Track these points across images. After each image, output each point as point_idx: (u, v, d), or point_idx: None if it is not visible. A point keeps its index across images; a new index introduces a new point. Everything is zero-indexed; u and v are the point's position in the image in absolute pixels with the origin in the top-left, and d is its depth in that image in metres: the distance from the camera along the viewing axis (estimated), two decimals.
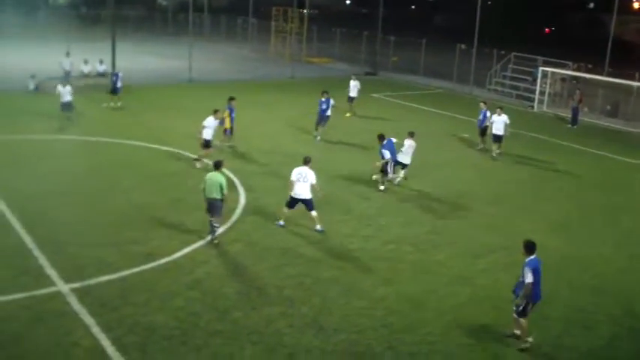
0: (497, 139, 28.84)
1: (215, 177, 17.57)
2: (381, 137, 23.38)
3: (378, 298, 15.56)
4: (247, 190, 22.53)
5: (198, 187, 18.20)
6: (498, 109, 28.96)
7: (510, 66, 48.22)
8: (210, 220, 17.93)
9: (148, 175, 23.82)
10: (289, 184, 19.19)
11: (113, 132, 29.72)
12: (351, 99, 36.97)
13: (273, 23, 63.67)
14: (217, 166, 17.84)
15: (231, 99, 27.52)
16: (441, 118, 37.72)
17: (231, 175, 23.75)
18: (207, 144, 24.78)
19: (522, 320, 13.54)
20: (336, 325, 14.21)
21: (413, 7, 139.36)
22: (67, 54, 42.30)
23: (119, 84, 35.58)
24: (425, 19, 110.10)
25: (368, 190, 23.31)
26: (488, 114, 29.56)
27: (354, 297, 15.52)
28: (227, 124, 26.87)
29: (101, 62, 44.01)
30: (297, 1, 60.00)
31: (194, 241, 18.08)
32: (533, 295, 13.27)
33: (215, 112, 25.03)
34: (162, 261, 16.80)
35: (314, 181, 19.11)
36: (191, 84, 44.45)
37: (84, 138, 28.48)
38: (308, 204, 19.22)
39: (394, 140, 23.80)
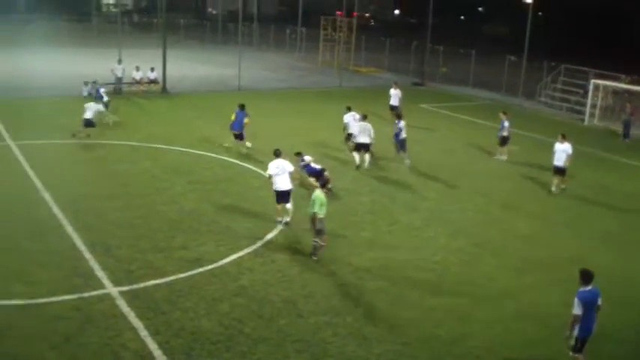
0: (559, 171, 24.96)
1: (318, 195, 17.62)
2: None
3: (425, 309, 15.49)
4: (294, 197, 22.55)
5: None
6: (560, 137, 25.09)
7: (561, 78, 47.66)
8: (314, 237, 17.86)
9: (198, 181, 24.08)
10: (269, 180, 19.86)
11: (164, 138, 30.14)
12: (392, 107, 36.77)
13: (321, 32, 63.88)
14: (323, 185, 18.16)
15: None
16: (488, 130, 37.31)
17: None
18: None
19: (577, 356, 12.75)
20: (381, 336, 14.16)
21: (462, 17, 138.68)
22: (119, 61, 43.01)
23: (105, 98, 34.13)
24: (474, 30, 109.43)
25: (414, 201, 23.24)
26: (506, 124, 29.23)
27: (401, 308, 15.47)
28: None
29: (152, 69, 44.61)
30: (347, 11, 60.08)
31: (241, 248, 18.22)
32: (582, 328, 12.43)
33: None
34: (210, 267, 16.96)
35: (292, 169, 19.98)
36: (240, 92, 44.81)
37: (135, 143, 28.95)
38: (288, 195, 19.77)
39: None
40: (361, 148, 26.82)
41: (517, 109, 44.04)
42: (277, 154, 20.14)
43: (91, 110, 29.57)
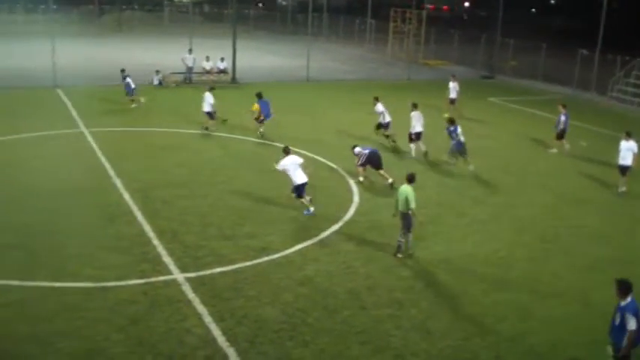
0: (624, 170, 23.92)
1: (404, 190, 17.28)
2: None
3: (488, 304, 15.32)
4: (361, 190, 22.64)
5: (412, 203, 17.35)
6: (625, 134, 24.05)
7: (635, 72, 46.36)
8: (401, 234, 17.52)
9: (266, 171, 24.20)
10: (289, 175, 20.06)
11: (232, 127, 30.48)
12: (451, 101, 36.45)
13: (391, 24, 63.55)
14: (410, 179, 17.51)
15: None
16: None
17: (347, 176, 23.99)
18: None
19: None
20: (444, 330, 14.06)
21: (533, 9, 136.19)
22: (190, 51, 43.64)
23: (133, 85, 34.99)
24: (545, 22, 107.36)
25: (481, 195, 22.98)
26: (563, 118, 28.67)
27: (464, 302, 15.33)
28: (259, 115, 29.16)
29: (222, 59, 45.12)
30: (416, 3, 59.67)
31: (307, 238, 18.31)
32: (637, 340, 11.66)
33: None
34: (275, 256, 17.10)
35: (302, 161, 20.42)
36: (309, 83, 44.96)
37: (204, 132, 29.32)
38: (304, 187, 20.09)
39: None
40: (419, 137, 26.99)
41: (588, 104, 43.11)
42: (287, 150, 20.59)
43: (207, 102, 29.67)
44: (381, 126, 28.39)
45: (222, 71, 44.88)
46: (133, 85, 34.63)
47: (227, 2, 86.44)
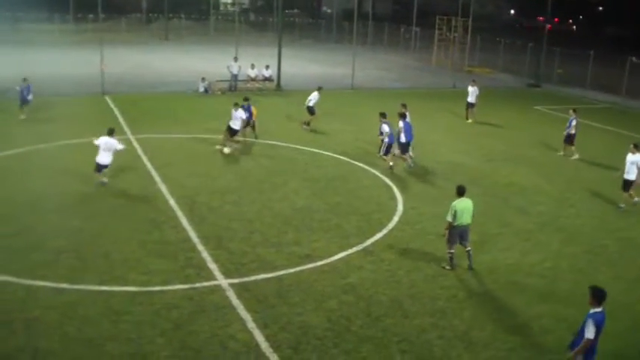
0: (627, 185, 22.73)
1: (468, 203, 17.09)
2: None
3: (532, 316, 15.16)
4: (406, 198, 22.60)
5: (446, 216, 17.09)
6: (632, 146, 22.66)
7: None
8: (467, 249, 17.28)
9: (311, 179, 24.37)
10: None
11: (278, 135, 30.69)
12: (470, 105, 36.52)
13: (436, 32, 63.36)
14: (463, 192, 17.23)
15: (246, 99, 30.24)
16: (604, 133, 36.14)
17: (391, 184, 23.98)
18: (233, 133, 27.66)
19: None
20: (487, 341, 13.93)
21: (581, 17, 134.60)
22: (235, 59, 44.02)
23: (29, 96, 32.53)
24: (594, 30, 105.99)
25: (527, 204, 22.75)
26: (574, 122, 28.93)
27: (507, 313, 15.19)
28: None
29: (267, 67, 45.44)
30: (462, 11, 59.45)
31: (351, 246, 18.32)
32: (590, 352, 11.39)
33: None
34: (319, 263, 17.14)
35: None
36: (353, 90, 45.03)
37: (250, 140, 29.53)
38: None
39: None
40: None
41: (637, 113, 42.45)
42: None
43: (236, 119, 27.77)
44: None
45: (267, 79, 45.22)
46: (30, 97, 32.54)
47: (273, 11, 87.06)
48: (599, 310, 11.43)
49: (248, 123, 28.92)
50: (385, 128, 25.85)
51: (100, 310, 14.37)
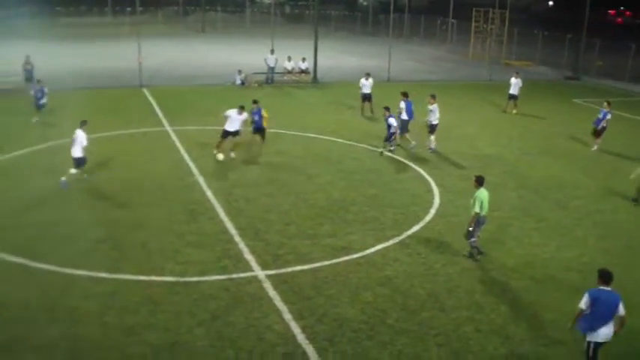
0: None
1: (487, 193, 16.95)
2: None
3: (569, 311, 14.98)
4: (442, 191, 22.52)
5: (472, 207, 16.98)
6: None
7: None
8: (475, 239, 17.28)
9: (346, 171, 24.38)
10: None
11: (314, 127, 30.75)
12: (512, 97, 36.37)
13: (473, 24, 62.87)
14: (483, 182, 17.03)
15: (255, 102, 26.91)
16: None
17: (427, 177, 23.92)
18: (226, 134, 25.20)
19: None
20: (523, 336, 13.84)
21: (622, 8, 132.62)
22: (272, 51, 44.15)
23: (43, 100, 30.46)
24: (634, 22, 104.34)
25: (564, 198, 22.52)
26: (609, 116, 28.52)
27: (544, 308, 15.04)
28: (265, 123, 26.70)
29: (304, 60, 45.49)
30: (499, 3, 58.90)
31: (387, 239, 18.29)
32: (592, 326, 12.06)
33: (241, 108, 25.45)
34: (355, 255, 17.14)
35: None
36: (389, 83, 44.90)
37: (286, 132, 29.63)
38: None
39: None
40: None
41: None
42: None
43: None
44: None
45: (304, 71, 45.28)
46: (44, 100, 30.51)
47: (308, 3, 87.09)
48: (604, 288, 12.16)
49: (259, 129, 26.49)
50: (392, 121, 26.35)
51: (138, 300, 14.54)
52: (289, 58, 45.18)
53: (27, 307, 14.16)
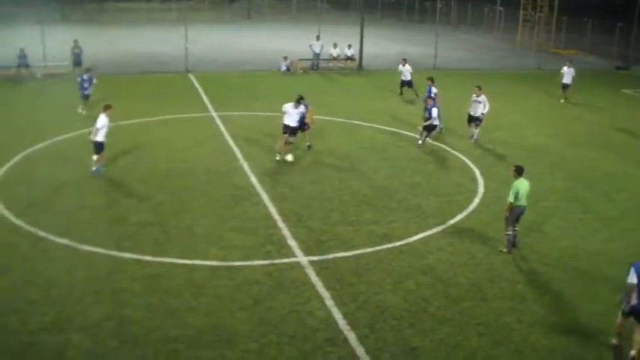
0: None
1: (527, 183, 16.86)
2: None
3: (613, 304, 14.79)
4: (487, 180, 22.32)
5: (509, 197, 16.74)
6: None
7: None
8: (515, 229, 17.03)
9: (391, 158, 24.34)
10: None
11: (359, 114, 30.72)
12: (565, 86, 36.18)
13: (521, 12, 61.98)
14: (522, 172, 16.95)
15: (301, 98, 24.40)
16: None
17: (472, 166, 23.75)
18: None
19: (621, 322, 12.85)
20: (566, 327, 13.70)
21: None
22: (317, 37, 44.12)
23: (89, 90, 29.15)
24: None
25: (612, 190, 22.15)
26: None
27: (588, 301, 14.85)
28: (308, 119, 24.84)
29: (349, 46, 45.39)
30: None
31: (430, 227, 18.24)
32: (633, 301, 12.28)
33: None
34: (398, 243, 17.12)
35: None
36: (435, 70, 44.57)
37: (332, 118, 29.61)
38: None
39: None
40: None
41: None
42: None
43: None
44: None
45: (350, 58, 45.21)
46: (90, 90, 29.25)
47: None
48: None
49: (301, 126, 24.44)
50: (434, 113, 26.00)
51: (181, 283, 14.73)
52: (335, 45, 45.11)
53: (73, 287, 14.44)
